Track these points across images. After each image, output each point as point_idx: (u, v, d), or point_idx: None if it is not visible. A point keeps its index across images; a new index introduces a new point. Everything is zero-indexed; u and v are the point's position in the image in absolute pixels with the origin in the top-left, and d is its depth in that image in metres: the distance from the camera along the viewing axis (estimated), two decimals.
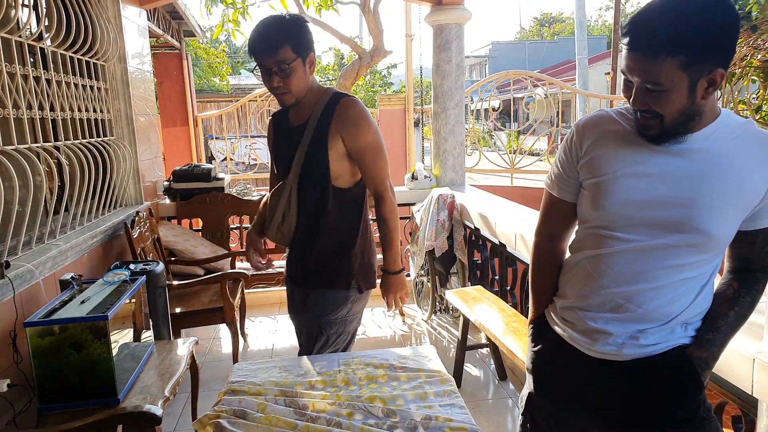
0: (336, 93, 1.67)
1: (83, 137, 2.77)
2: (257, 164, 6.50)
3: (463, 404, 1.38)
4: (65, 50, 2.61)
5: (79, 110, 2.73)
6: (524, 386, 1.30)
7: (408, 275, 3.94)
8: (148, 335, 2.43)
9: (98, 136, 2.98)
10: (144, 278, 2.14)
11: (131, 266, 2.43)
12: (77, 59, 2.75)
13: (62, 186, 2.54)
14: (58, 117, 2.52)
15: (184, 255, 3.38)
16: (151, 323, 2.54)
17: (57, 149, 2.46)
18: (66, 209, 2.55)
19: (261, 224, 1.87)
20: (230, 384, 1.51)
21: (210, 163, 4.55)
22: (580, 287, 1.13)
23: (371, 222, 1.82)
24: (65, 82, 2.60)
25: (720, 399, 1.41)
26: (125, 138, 3.28)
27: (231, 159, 6.16)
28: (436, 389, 1.44)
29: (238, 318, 3.13)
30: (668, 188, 1.02)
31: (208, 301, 2.92)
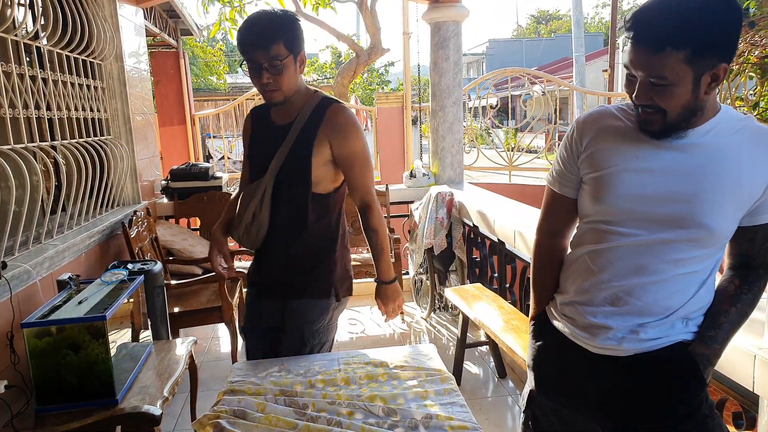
0: (325, 97, 1.63)
1: (80, 136, 2.75)
2: None
3: (464, 403, 1.37)
4: (61, 49, 2.59)
5: (76, 109, 2.72)
6: (526, 384, 1.30)
7: (406, 273, 3.93)
8: (147, 335, 2.42)
9: (95, 136, 2.97)
10: (142, 278, 2.13)
11: (129, 266, 2.42)
12: (74, 58, 2.73)
13: (59, 185, 2.53)
14: (55, 116, 2.51)
15: (182, 254, 3.37)
16: (150, 323, 2.54)
17: (54, 148, 2.44)
18: (63, 209, 2.54)
19: (227, 223, 1.76)
20: (229, 384, 1.50)
21: (207, 162, 4.54)
22: (581, 282, 1.13)
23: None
24: (62, 81, 2.59)
25: (721, 395, 1.41)
26: (122, 137, 3.26)
27: (228, 158, 6.15)
28: (437, 388, 1.44)
29: (237, 317, 3.12)
30: (668, 183, 1.02)
31: (207, 301, 2.91)
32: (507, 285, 2.98)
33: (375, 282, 1.75)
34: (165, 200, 3.83)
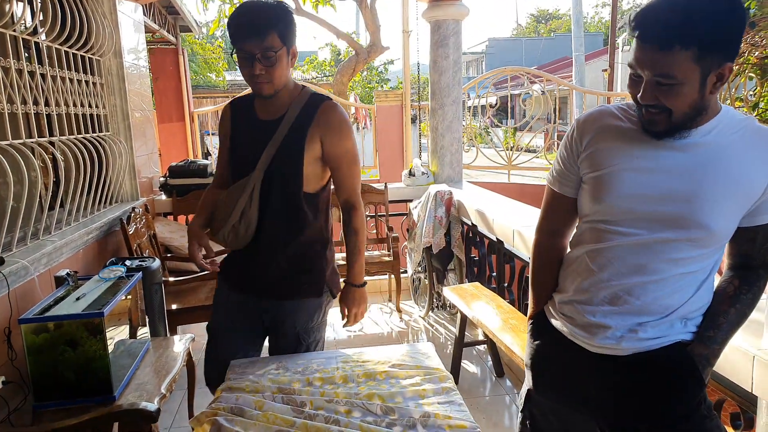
0: (315, 93, 1.60)
1: (79, 132, 2.75)
2: None
3: (462, 401, 1.37)
4: (60, 45, 2.59)
5: (75, 105, 2.71)
6: (524, 383, 1.30)
7: (404, 272, 3.93)
8: (144, 332, 2.42)
9: (93, 132, 2.96)
10: (140, 275, 2.13)
11: (127, 262, 2.41)
12: (72, 54, 2.73)
13: (57, 181, 2.52)
14: (53, 112, 2.50)
15: (180, 251, 3.37)
16: (147, 320, 2.53)
17: (52, 144, 2.44)
18: (61, 205, 2.53)
19: (205, 219, 1.69)
20: (227, 381, 1.50)
21: (206, 159, 4.53)
22: (580, 281, 1.13)
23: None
24: (60, 77, 2.58)
25: (719, 396, 1.41)
26: (121, 133, 3.25)
27: None
28: (435, 386, 1.44)
29: None
30: (669, 183, 1.02)
31: (205, 298, 2.90)
32: (505, 284, 2.98)
33: (344, 283, 1.69)
34: (163, 197, 3.82)
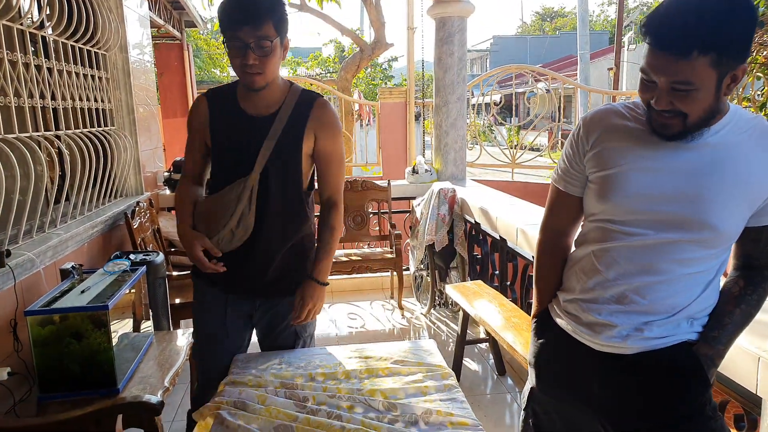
0: (306, 89, 1.58)
1: (84, 126, 2.76)
2: None
3: (464, 399, 1.38)
4: (66, 39, 2.59)
5: (80, 99, 2.72)
6: (527, 381, 1.30)
7: (407, 269, 3.94)
8: (148, 326, 2.43)
9: (99, 126, 2.97)
10: (144, 269, 2.14)
11: (131, 256, 2.43)
12: (78, 48, 2.73)
13: (63, 175, 2.53)
14: (59, 106, 2.51)
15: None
16: (151, 314, 2.54)
17: (58, 138, 2.45)
18: (67, 198, 2.54)
19: (192, 219, 1.60)
20: (230, 375, 1.51)
21: None
22: (586, 280, 1.13)
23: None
24: (66, 71, 2.58)
25: (722, 397, 1.41)
26: (126, 128, 3.26)
27: None
28: (437, 383, 1.44)
29: None
30: (676, 183, 1.02)
31: None
32: (508, 282, 2.98)
33: (308, 278, 1.63)
34: (167, 192, 3.84)
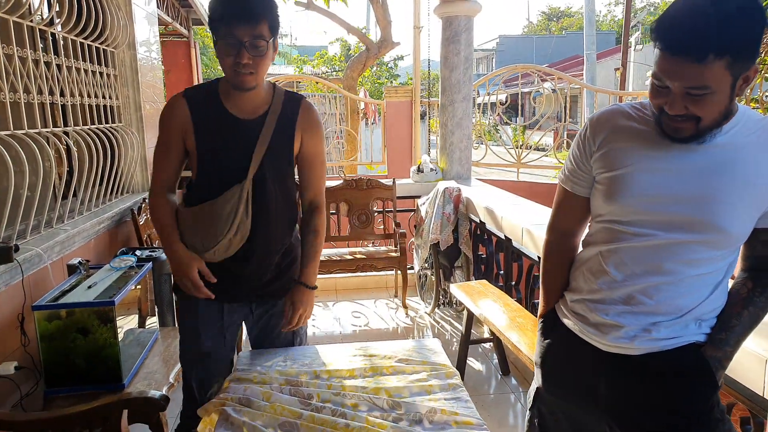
0: (288, 91, 1.56)
1: (92, 123, 2.77)
2: None
3: (468, 398, 1.38)
4: (76, 36, 2.61)
5: (89, 96, 2.73)
6: (532, 382, 1.30)
7: (411, 268, 3.94)
8: (153, 322, 2.45)
9: (106, 122, 2.98)
10: (150, 265, 2.15)
11: (137, 252, 2.44)
12: (87, 45, 2.75)
13: (70, 171, 2.55)
14: (68, 102, 2.53)
15: None
16: (157, 310, 2.56)
17: (66, 134, 2.46)
18: (74, 194, 2.56)
19: (177, 240, 1.53)
20: (235, 372, 1.52)
21: None
22: (593, 281, 1.12)
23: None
24: (75, 68, 2.60)
25: (729, 399, 1.40)
26: (133, 125, 3.28)
27: None
28: (441, 382, 1.44)
29: None
30: (684, 184, 1.01)
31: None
32: (513, 282, 2.97)
33: (296, 283, 1.61)
34: None
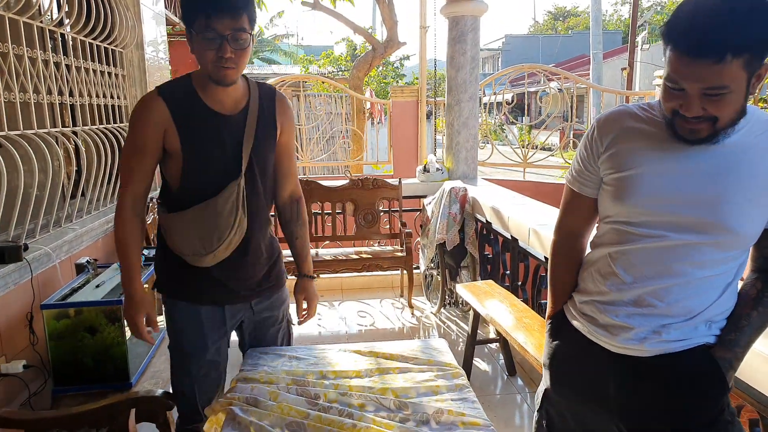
0: (260, 82, 1.54)
1: (100, 123, 2.79)
2: None
3: (475, 399, 1.37)
4: (85, 36, 2.62)
5: (97, 96, 2.75)
6: (540, 383, 1.29)
7: (417, 268, 3.94)
8: (160, 320, 2.45)
9: (115, 122, 3.00)
10: None
11: (145, 252, 2.45)
12: (96, 45, 2.76)
13: (79, 171, 2.56)
14: (77, 102, 2.54)
15: None
16: (163, 309, 2.56)
17: (74, 134, 2.48)
18: (82, 194, 2.57)
19: (139, 272, 1.48)
20: (242, 371, 1.52)
21: None
22: (602, 282, 1.12)
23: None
24: (84, 68, 2.62)
25: (737, 401, 1.39)
26: None
27: None
28: (448, 383, 1.44)
29: None
30: (693, 185, 1.01)
31: None
32: (519, 283, 2.97)
33: (300, 277, 1.64)
34: None
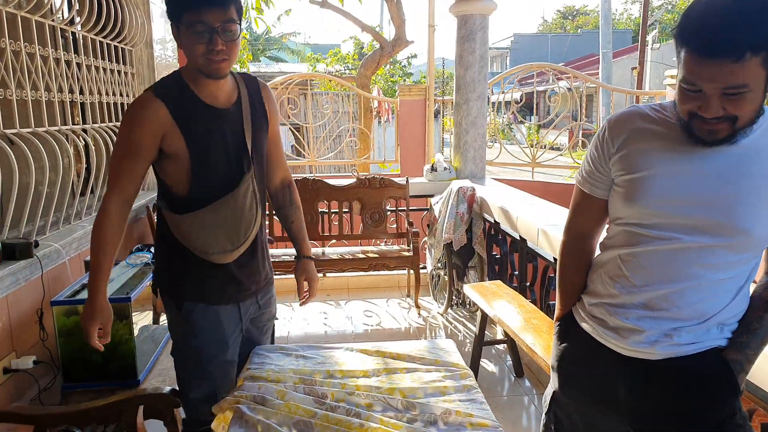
0: (241, 72, 1.54)
1: (109, 120, 2.80)
2: None
3: (483, 400, 1.37)
4: (95, 35, 2.64)
5: (107, 94, 2.77)
6: (548, 385, 1.28)
7: (424, 268, 3.93)
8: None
9: None
10: None
11: (152, 249, 2.46)
12: (106, 43, 2.78)
13: (88, 168, 2.58)
14: (87, 100, 2.56)
15: None
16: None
17: (84, 131, 2.49)
18: (91, 191, 2.59)
19: (107, 280, 1.42)
20: (249, 369, 1.52)
21: None
22: (612, 285, 1.11)
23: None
24: (94, 66, 2.63)
25: (749, 405, 1.37)
26: None
27: None
28: (456, 384, 1.44)
29: None
30: (707, 186, 0.99)
31: None
32: (527, 283, 2.95)
33: (299, 258, 1.64)
34: None
